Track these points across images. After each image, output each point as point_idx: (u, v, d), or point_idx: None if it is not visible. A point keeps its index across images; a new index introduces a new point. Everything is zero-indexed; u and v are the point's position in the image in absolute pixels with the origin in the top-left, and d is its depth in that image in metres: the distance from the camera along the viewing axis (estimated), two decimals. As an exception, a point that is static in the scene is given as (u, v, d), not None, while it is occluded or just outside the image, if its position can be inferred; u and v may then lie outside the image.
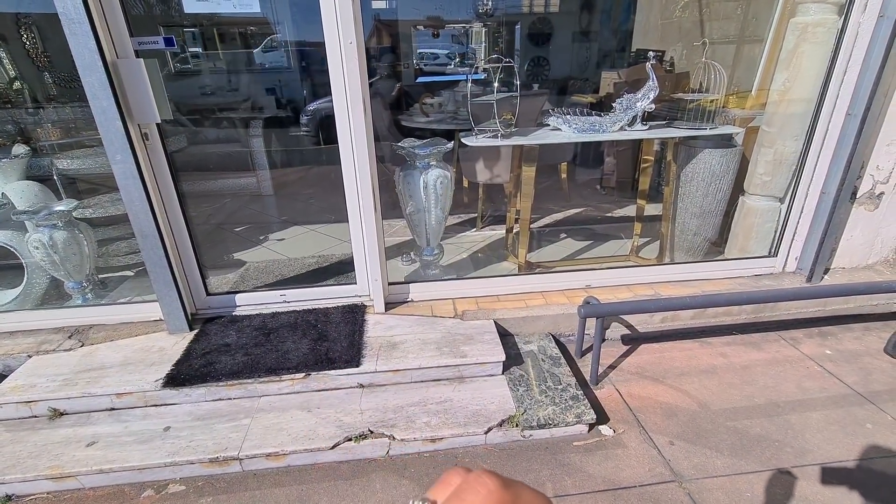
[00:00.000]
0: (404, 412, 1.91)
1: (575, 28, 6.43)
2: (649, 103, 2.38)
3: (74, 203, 2.52)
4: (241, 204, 4.29)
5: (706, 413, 1.97)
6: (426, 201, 2.51)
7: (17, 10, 4.12)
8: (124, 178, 1.95)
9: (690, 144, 2.65)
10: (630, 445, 1.82)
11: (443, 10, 6.74)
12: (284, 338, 2.20)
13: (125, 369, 2.04)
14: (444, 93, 4.20)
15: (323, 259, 3.09)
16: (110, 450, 1.77)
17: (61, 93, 4.16)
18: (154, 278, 2.16)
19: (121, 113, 1.86)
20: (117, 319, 2.39)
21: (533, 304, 2.45)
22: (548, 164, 3.89)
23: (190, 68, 5.75)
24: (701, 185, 2.63)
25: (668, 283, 2.60)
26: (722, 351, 2.36)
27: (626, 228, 3.43)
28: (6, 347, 2.22)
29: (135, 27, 1.90)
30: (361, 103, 2.03)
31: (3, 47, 4.08)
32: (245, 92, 5.67)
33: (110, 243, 3.01)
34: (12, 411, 1.94)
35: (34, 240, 2.32)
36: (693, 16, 3.60)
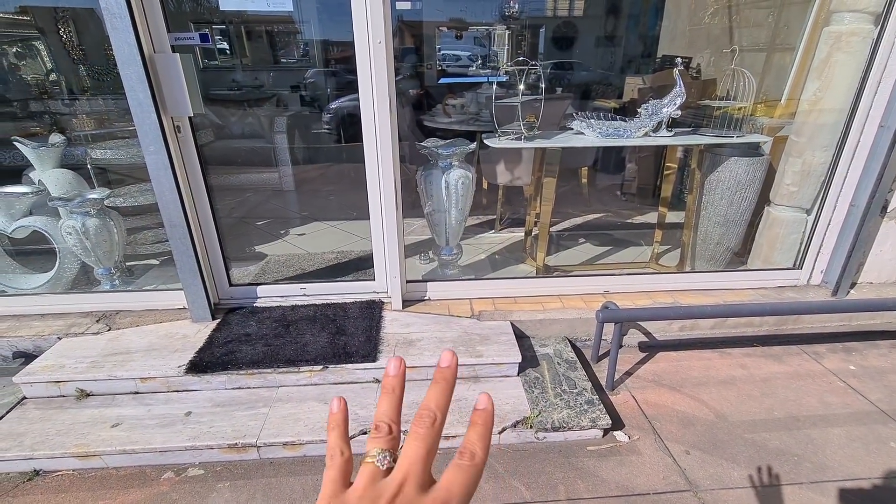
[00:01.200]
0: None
1: (599, 32, 6.40)
2: (675, 109, 2.36)
3: (107, 192, 2.60)
4: (264, 198, 4.37)
5: (724, 424, 1.94)
6: (447, 201, 2.53)
7: (56, 4, 4.27)
8: (156, 168, 2.01)
9: (716, 152, 2.62)
10: (645, 452, 1.81)
11: (466, 13, 6.77)
12: (303, 330, 2.23)
13: (150, 354, 2.10)
14: (467, 94, 4.22)
15: (342, 255, 3.13)
16: (134, 431, 1.82)
17: (95, 85, 4.30)
18: (180, 267, 2.22)
19: (156, 106, 1.92)
20: (143, 306, 2.46)
21: (550, 308, 2.44)
22: (568, 168, 3.88)
23: (218, 64, 5.88)
24: (726, 194, 2.60)
25: (688, 292, 2.57)
26: (742, 362, 2.33)
27: (646, 235, 3.40)
28: (37, 329, 2.31)
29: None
30: (388, 102, 2.06)
31: (42, 40, 4.23)
32: (270, 88, 5.78)
33: (138, 232, 3.10)
34: (42, 390, 2.01)
35: (67, 226, 2.41)
36: (722, 22, 3.55)
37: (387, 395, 0.37)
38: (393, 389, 0.38)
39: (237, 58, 5.96)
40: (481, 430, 0.36)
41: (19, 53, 4.20)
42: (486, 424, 0.36)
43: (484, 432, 0.36)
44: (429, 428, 0.35)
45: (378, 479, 0.33)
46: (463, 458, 0.34)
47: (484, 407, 0.37)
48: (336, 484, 0.34)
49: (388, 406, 0.37)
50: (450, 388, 0.37)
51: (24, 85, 4.14)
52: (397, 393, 0.38)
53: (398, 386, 0.38)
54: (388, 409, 0.37)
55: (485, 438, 0.36)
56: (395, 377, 0.38)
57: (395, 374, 0.38)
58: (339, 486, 0.34)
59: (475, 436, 0.36)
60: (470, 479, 0.34)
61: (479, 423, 0.36)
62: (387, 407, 0.37)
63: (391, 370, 0.38)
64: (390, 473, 0.34)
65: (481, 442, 0.35)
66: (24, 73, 4.18)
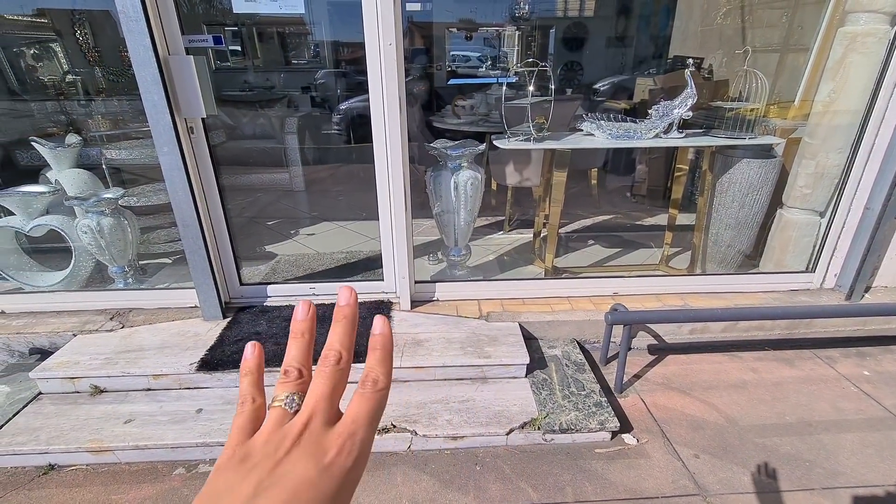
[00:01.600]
0: (427, 409, 1.93)
1: (610, 33, 6.36)
2: (687, 111, 2.35)
3: (121, 191, 2.64)
4: (274, 198, 4.41)
5: (734, 428, 1.93)
6: (456, 202, 2.54)
7: (73, 6, 4.35)
8: (170, 169, 2.05)
9: (728, 154, 2.59)
10: (654, 456, 1.80)
11: (476, 14, 6.77)
12: (312, 330, 2.25)
13: (162, 352, 2.13)
14: (477, 95, 4.23)
15: (351, 255, 3.15)
16: (146, 427, 1.85)
17: (110, 86, 4.37)
18: (192, 266, 2.25)
19: (170, 107, 1.95)
20: (156, 304, 2.50)
21: (558, 309, 2.44)
22: (578, 169, 3.87)
23: (229, 65, 5.95)
24: (737, 196, 2.57)
25: (699, 295, 2.55)
26: (753, 366, 2.30)
27: (656, 237, 3.37)
28: (53, 326, 2.35)
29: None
30: (397, 103, 2.07)
31: (59, 42, 4.31)
32: (281, 89, 5.83)
33: (151, 231, 3.15)
34: (57, 386, 2.05)
35: (83, 225, 2.45)
36: (735, 23, 3.51)
37: (295, 340, 0.37)
38: (302, 334, 0.37)
39: (249, 59, 6.02)
40: (380, 354, 0.36)
41: (37, 55, 4.28)
42: (385, 348, 0.36)
43: (384, 356, 0.36)
44: (333, 366, 0.35)
45: (286, 422, 0.33)
46: (365, 386, 0.34)
47: (381, 331, 0.37)
48: (243, 431, 0.33)
49: (297, 351, 0.36)
50: (351, 325, 0.37)
51: (42, 86, 4.22)
52: (307, 338, 0.37)
53: (307, 330, 0.37)
54: (298, 353, 0.36)
55: (385, 363, 0.36)
56: (304, 321, 0.37)
57: (303, 319, 0.37)
58: (246, 433, 0.33)
59: (374, 361, 0.36)
60: (374, 406, 0.34)
61: (377, 347, 0.36)
62: (296, 352, 0.36)
63: (299, 314, 0.37)
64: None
65: (382, 367, 0.35)
66: (41, 75, 4.27)
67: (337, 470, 0.31)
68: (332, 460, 0.31)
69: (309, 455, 0.31)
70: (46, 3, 4.33)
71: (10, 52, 4.07)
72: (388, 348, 0.36)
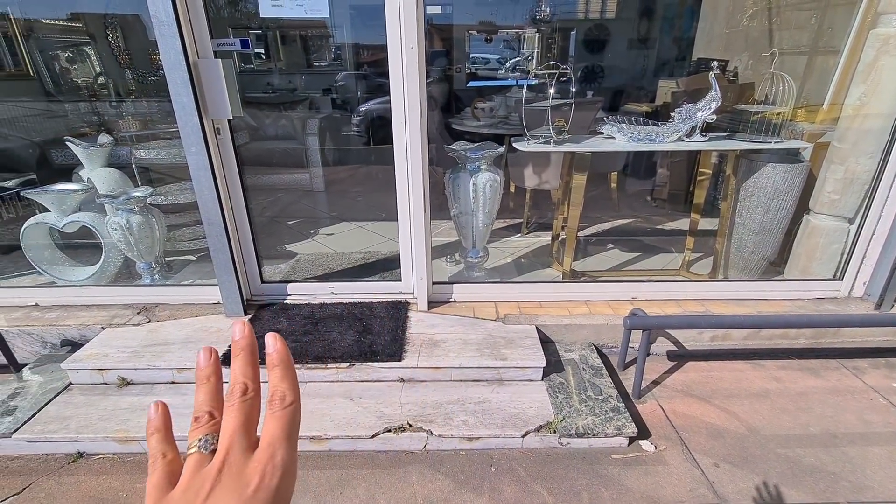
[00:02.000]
0: (442, 409, 1.94)
1: (632, 35, 6.29)
2: (710, 114, 2.31)
3: (150, 190, 2.73)
4: (295, 198, 4.49)
5: (756, 438, 1.89)
6: (474, 204, 2.54)
7: (107, 10, 4.50)
8: (197, 168, 2.11)
9: (753, 158, 2.54)
10: (672, 463, 1.78)
11: (496, 16, 6.77)
12: (331, 328, 2.29)
13: (186, 346, 2.19)
14: (497, 97, 4.23)
15: (369, 255, 3.18)
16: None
17: (139, 88, 4.52)
18: (216, 263, 2.31)
19: (198, 108, 2.01)
20: (180, 300, 2.57)
21: (576, 313, 2.43)
22: (598, 172, 3.84)
23: (253, 68, 6.07)
24: (762, 201, 2.52)
25: (721, 301, 2.50)
26: (776, 375, 2.25)
27: (676, 242, 3.32)
28: (83, 319, 2.44)
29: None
30: (418, 106, 2.09)
31: (92, 45, 4.47)
32: (302, 91, 5.93)
33: (176, 229, 3.23)
34: (87, 377, 2.13)
35: (113, 222, 2.54)
36: (762, 25, 3.44)
37: (201, 385, 0.37)
38: (207, 378, 0.37)
39: (272, 62, 6.14)
40: (280, 370, 0.36)
41: (70, 58, 4.45)
42: (283, 363, 0.36)
43: (284, 372, 0.36)
44: (240, 398, 0.35)
45: (204, 465, 0.33)
46: (273, 405, 0.34)
47: (274, 349, 0.36)
48: (159, 489, 0.32)
49: (204, 395, 0.36)
50: (251, 355, 0.37)
51: (75, 88, 4.38)
52: (213, 381, 0.37)
53: (213, 374, 0.37)
54: (206, 397, 0.36)
55: (287, 377, 0.36)
56: (208, 366, 0.37)
57: (206, 365, 0.37)
58: (163, 490, 0.32)
59: (276, 379, 0.35)
60: (288, 423, 0.34)
61: (276, 364, 0.36)
62: (204, 396, 0.36)
63: (202, 361, 0.37)
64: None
65: (285, 382, 0.35)
66: (74, 77, 4.43)
67: (263, 494, 0.31)
68: (257, 487, 0.31)
69: (231, 491, 0.31)
70: (80, 8, 4.49)
71: (46, 55, 4.24)
72: (287, 362, 0.36)
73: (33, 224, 2.61)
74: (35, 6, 4.24)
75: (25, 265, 2.75)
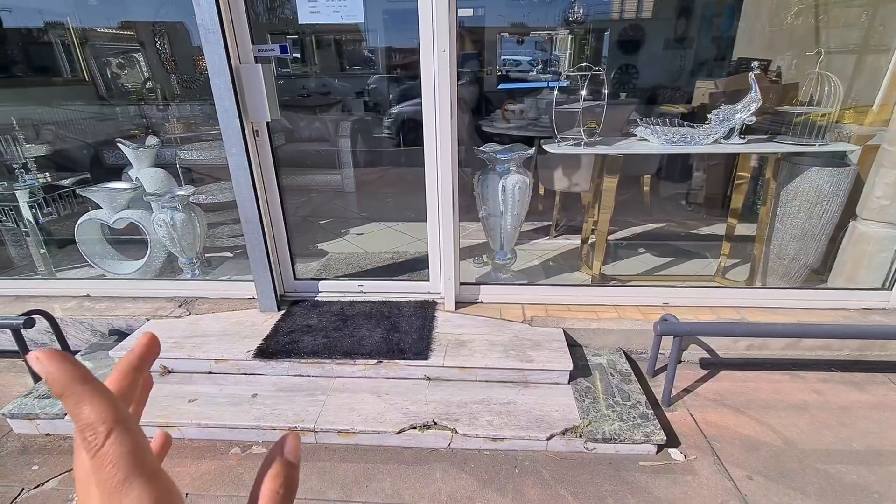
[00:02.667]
0: (468, 409, 1.96)
1: (669, 35, 6.14)
2: (750, 115, 2.24)
3: (193, 189, 2.86)
4: (326, 198, 4.60)
5: (793, 452, 1.81)
6: (503, 206, 2.55)
7: (155, 18, 4.75)
8: (237, 169, 2.20)
9: (795, 161, 2.45)
10: (702, 473, 1.73)
11: (528, 18, 6.74)
12: (360, 325, 2.34)
13: (223, 339, 2.29)
14: (527, 100, 4.22)
15: (398, 255, 3.23)
16: (207, 407, 2.00)
17: (183, 93, 4.74)
18: (252, 260, 2.40)
19: (239, 112, 2.10)
20: (218, 295, 2.68)
21: (605, 317, 2.39)
22: (630, 175, 3.77)
23: (289, 72, 6.27)
24: (804, 206, 2.42)
25: (758, 309, 2.41)
26: (816, 388, 2.15)
27: (711, 248, 3.23)
28: (129, 310, 2.58)
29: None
30: (449, 108, 2.12)
31: (141, 52, 4.73)
32: (336, 94, 6.08)
33: (215, 227, 3.38)
34: (132, 364, 2.25)
35: (159, 219, 2.68)
36: (807, 23, 3.30)
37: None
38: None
39: (308, 66, 6.32)
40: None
41: (121, 64, 4.72)
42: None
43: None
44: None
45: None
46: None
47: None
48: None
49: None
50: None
51: (126, 92, 4.64)
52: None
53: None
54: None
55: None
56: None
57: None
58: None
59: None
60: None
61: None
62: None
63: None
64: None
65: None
66: (125, 82, 4.69)
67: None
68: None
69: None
70: (132, 17, 4.75)
71: (100, 62, 4.52)
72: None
73: (87, 220, 2.79)
74: (90, 15, 4.52)
75: (78, 258, 2.94)
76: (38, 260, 3.05)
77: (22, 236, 2.99)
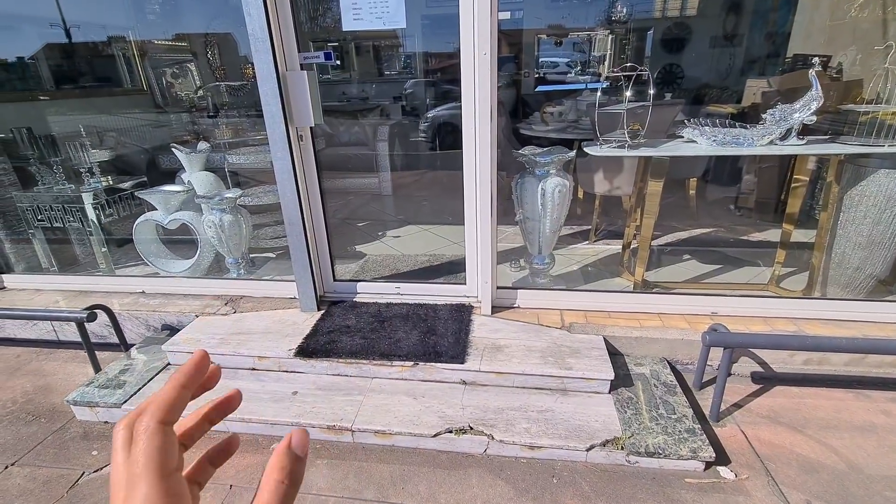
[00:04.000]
0: (504, 415, 1.93)
1: (716, 32, 5.89)
2: (810, 115, 2.11)
3: (240, 192, 2.98)
4: (364, 201, 4.69)
5: (857, 476, 1.68)
6: (542, 209, 2.51)
7: (206, 29, 4.99)
8: (282, 172, 2.27)
9: (860, 163, 2.28)
10: (754, 495, 1.63)
11: (567, 19, 6.64)
12: (396, 327, 2.36)
13: (266, 337, 2.36)
14: (566, 101, 4.15)
15: (434, 258, 3.24)
16: (250, 403, 2.06)
17: (231, 100, 4.95)
18: (294, 261, 2.47)
19: (285, 117, 2.17)
20: (261, 294, 2.78)
21: (648, 325, 2.31)
22: (675, 178, 3.63)
23: (329, 78, 6.44)
24: (871, 212, 2.25)
25: (817, 321, 2.26)
26: (885, 408, 1.99)
27: (764, 255, 3.05)
28: (180, 307, 2.71)
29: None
30: (489, 112, 2.11)
31: (194, 62, 4.99)
32: (374, 99, 6.19)
33: (259, 228, 3.50)
34: (182, 359, 2.36)
35: (208, 220, 2.80)
36: (874, 15, 3.07)
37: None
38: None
39: (347, 72, 6.47)
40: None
41: (175, 73, 4.99)
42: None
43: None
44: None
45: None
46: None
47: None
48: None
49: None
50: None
51: (179, 100, 4.90)
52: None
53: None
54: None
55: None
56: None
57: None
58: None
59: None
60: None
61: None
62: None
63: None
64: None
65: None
66: (178, 91, 4.96)
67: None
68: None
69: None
70: (185, 29, 5.02)
71: (157, 72, 4.79)
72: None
73: (143, 221, 2.95)
74: (148, 28, 4.82)
75: (135, 256, 3.12)
76: (100, 258, 3.25)
77: (86, 235, 3.20)
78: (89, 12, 4.55)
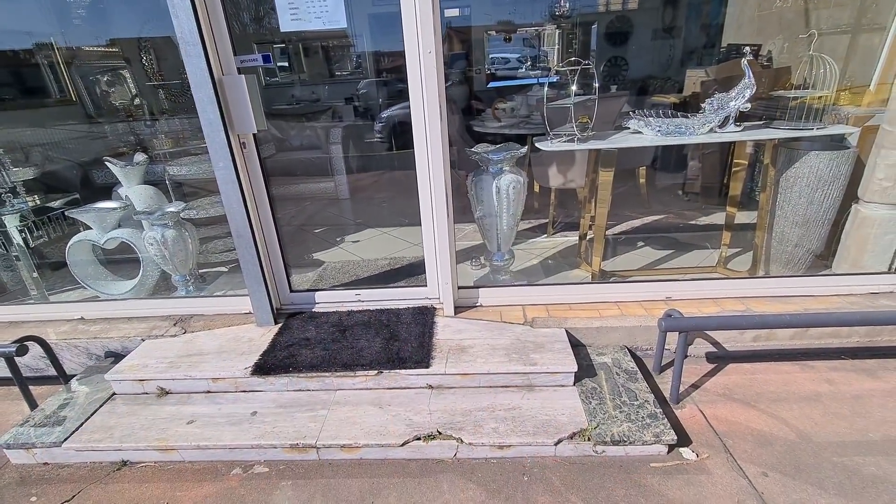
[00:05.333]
0: (472, 416, 1.91)
1: (656, 25, 6.11)
2: (745, 102, 2.20)
3: (182, 205, 2.82)
4: (320, 207, 4.56)
5: (807, 445, 1.77)
6: (498, 206, 2.51)
7: (140, 34, 4.70)
8: (225, 182, 2.16)
9: (792, 146, 2.41)
10: (715, 472, 1.69)
11: (515, 15, 6.70)
12: (358, 335, 2.30)
13: (220, 356, 2.24)
14: (517, 97, 4.18)
15: (394, 261, 3.19)
16: (206, 428, 1.95)
17: (171, 107, 4.69)
18: (246, 274, 2.35)
19: (224, 124, 2.06)
20: (213, 311, 2.64)
21: (607, 315, 2.35)
22: (625, 168, 3.73)
23: (278, 80, 6.22)
24: (805, 192, 2.38)
25: (763, 299, 2.37)
26: (828, 377, 2.11)
27: (712, 238, 3.19)
28: (124, 331, 2.53)
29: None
30: (438, 111, 2.08)
31: (128, 68, 4.69)
32: (326, 101, 6.04)
33: (209, 241, 3.33)
34: (128, 387, 2.20)
35: (149, 237, 2.63)
36: (797, 5, 3.26)
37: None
38: None
39: (296, 74, 6.28)
40: None
41: (109, 81, 4.67)
42: None
43: None
44: None
45: None
46: None
47: None
48: None
49: None
50: None
51: (114, 109, 4.60)
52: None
53: None
54: None
55: None
56: None
57: None
58: None
59: None
60: None
61: None
62: None
63: None
64: None
65: None
66: (113, 100, 4.65)
67: None
68: None
69: None
70: (117, 34, 4.71)
71: (87, 81, 4.47)
72: None
73: (77, 241, 2.74)
74: (76, 34, 4.48)
75: (71, 280, 2.89)
76: (31, 284, 3.00)
77: (12, 261, 2.94)
78: (9, 17, 4.18)
